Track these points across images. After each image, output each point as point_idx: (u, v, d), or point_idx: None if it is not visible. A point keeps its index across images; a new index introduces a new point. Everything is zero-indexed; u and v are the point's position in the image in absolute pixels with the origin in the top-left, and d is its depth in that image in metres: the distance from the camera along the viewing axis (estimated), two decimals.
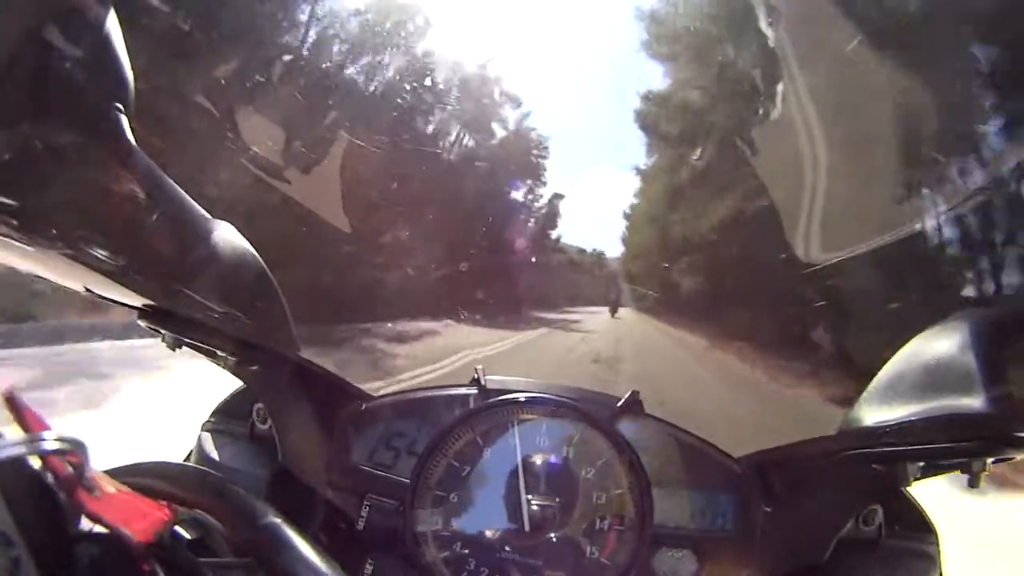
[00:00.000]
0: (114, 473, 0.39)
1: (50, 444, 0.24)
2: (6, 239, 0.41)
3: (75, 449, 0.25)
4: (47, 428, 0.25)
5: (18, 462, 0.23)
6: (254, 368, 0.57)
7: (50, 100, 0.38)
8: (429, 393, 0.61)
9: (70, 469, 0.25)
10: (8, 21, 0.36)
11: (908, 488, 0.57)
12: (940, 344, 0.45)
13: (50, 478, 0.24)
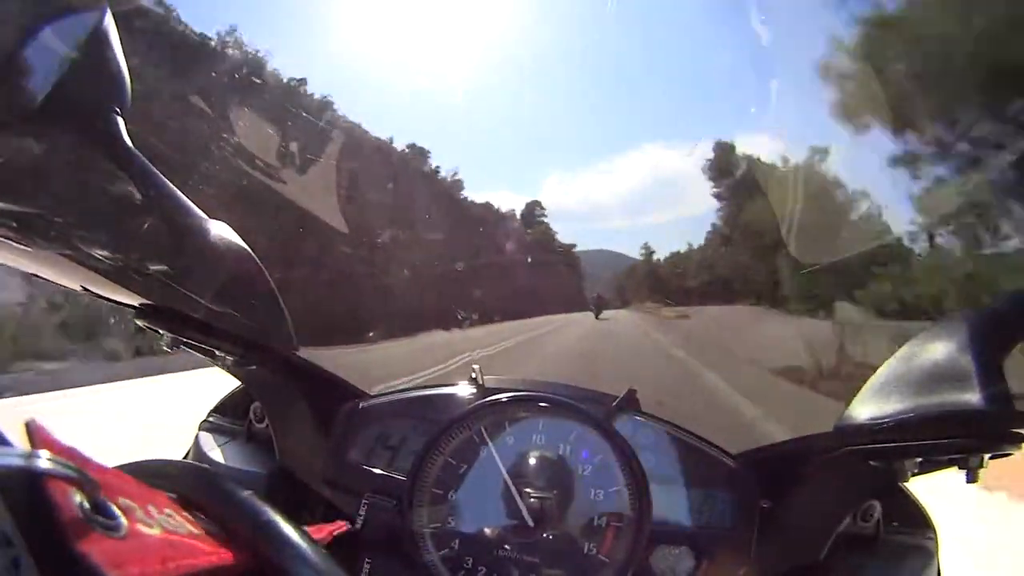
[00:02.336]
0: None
1: (44, 464, 0.23)
2: (5, 239, 0.41)
3: (77, 477, 0.24)
4: (71, 456, 0.24)
5: (21, 472, 0.23)
6: (251, 367, 0.57)
7: (47, 102, 0.39)
8: (426, 392, 0.61)
9: (75, 499, 0.24)
10: (6, 23, 0.36)
11: (906, 484, 0.57)
12: (937, 342, 0.45)
13: (53, 498, 0.23)
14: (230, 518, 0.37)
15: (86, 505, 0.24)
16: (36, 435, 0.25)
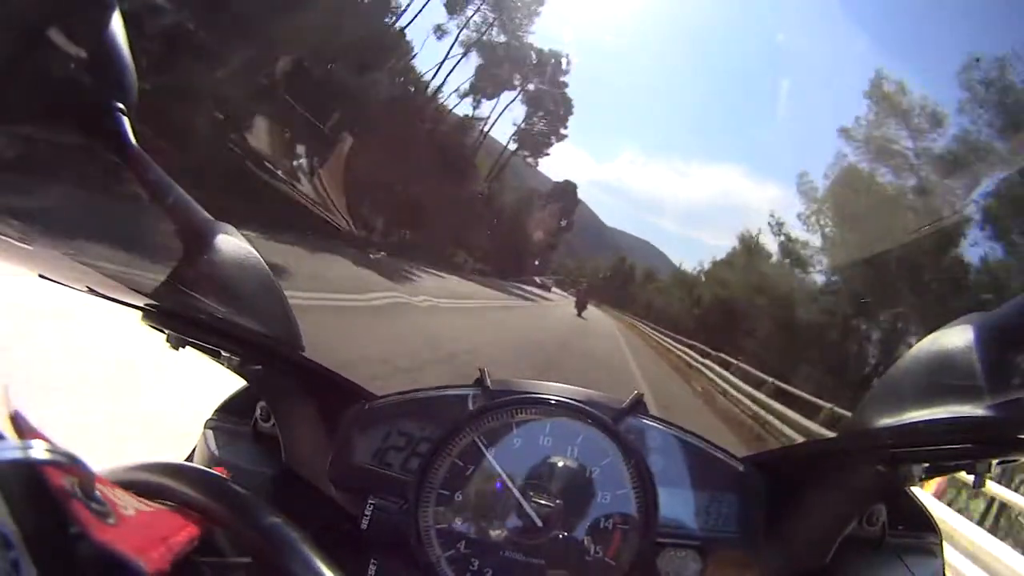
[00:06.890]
0: (116, 473, 0.38)
1: (41, 453, 0.23)
2: (7, 239, 0.41)
3: (72, 464, 0.24)
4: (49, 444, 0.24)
5: (19, 465, 0.23)
6: (257, 368, 0.57)
7: (53, 100, 0.38)
8: (433, 393, 0.61)
9: (70, 485, 0.24)
10: (11, 21, 0.36)
11: (911, 487, 0.57)
12: (945, 346, 0.45)
13: (53, 486, 0.23)
14: (233, 520, 0.37)
15: (79, 492, 0.24)
16: (22, 426, 0.25)
